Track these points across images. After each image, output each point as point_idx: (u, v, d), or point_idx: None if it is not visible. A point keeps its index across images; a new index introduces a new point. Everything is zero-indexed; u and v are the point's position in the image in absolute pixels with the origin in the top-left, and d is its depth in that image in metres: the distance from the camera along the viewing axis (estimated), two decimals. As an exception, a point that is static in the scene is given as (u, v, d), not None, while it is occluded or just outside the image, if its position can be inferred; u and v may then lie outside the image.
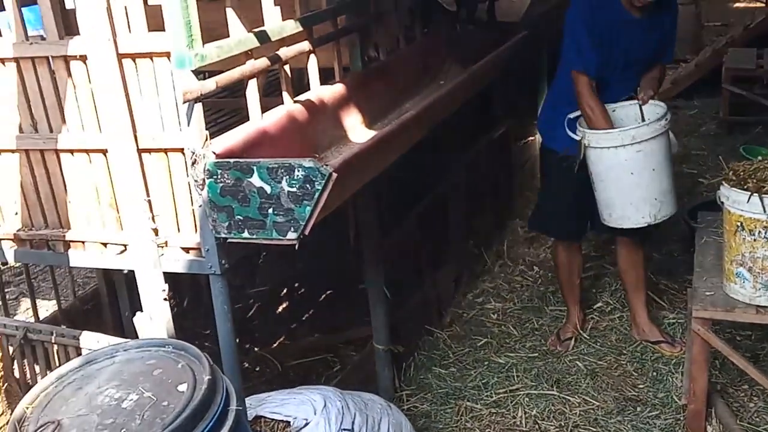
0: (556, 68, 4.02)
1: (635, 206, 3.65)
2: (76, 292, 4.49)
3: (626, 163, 3.56)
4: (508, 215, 5.61)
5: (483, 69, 3.96)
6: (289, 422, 2.83)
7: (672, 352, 4.02)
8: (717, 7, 9.09)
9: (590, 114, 3.64)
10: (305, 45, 2.95)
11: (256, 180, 2.40)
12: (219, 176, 2.43)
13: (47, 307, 5.14)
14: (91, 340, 2.94)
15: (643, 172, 3.57)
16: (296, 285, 4.94)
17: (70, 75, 2.61)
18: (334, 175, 2.33)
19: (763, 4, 8.80)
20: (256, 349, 4.28)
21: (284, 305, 4.84)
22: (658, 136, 3.55)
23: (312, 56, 3.03)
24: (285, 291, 4.88)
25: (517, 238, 5.38)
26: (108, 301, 4.29)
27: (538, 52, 5.50)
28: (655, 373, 3.87)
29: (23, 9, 2.67)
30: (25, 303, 5.40)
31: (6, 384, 2.34)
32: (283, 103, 2.90)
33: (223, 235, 2.51)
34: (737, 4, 9.68)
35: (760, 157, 3.20)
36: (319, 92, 3.08)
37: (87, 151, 2.69)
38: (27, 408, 2.09)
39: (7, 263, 5.09)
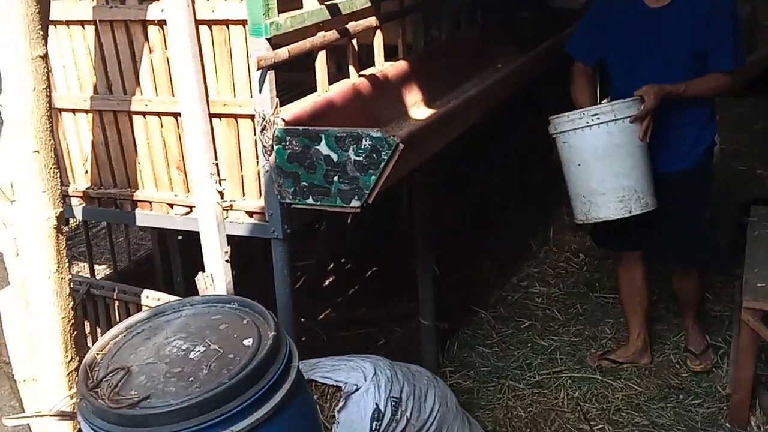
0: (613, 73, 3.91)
1: (607, 195, 3.39)
2: (131, 256, 4.60)
3: (591, 145, 3.35)
4: (554, 203, 5.62)
5: (539, 54, 3.98)
6: (339, 387, 2.89)
7: (694, 365, 3.87)
8: (773, 5, 8.95)
9: (573, 99, 3.60)
10: (372, 20, 3.01)
11: (323, 148, 2.47)
12: (287, 143, 2.50)
13: (98, 272, 5.28)
14: (151, 297, 3.04)
15: (612, 157, 3.34)
16: (343, 260, 5.01)
17: (146, 39, 2.70)
18: (401, 145, 2.38)
19: (822, 4, 8.63)
20: (302, 320, 4.35)
21: (331, 279, 4.91)
22: (626, 119, 3.30)
23: (378, 32, 3.08)
24: (332, 265, 4.95)
25: (563, 225, 5.39)
26: (161, 266, 4.39)
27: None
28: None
29: (104, -26, 2.76)
30: (77, 267, 5.54)
31: (75, 332, 2.43)
32: (348, 77, 2.96)
33: (288, 201, 2.59)
34: (793, 3, 9.52)
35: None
36: (383, 68, 3.14)
37: (159, 114, 2.78)
38: (97, 354, 2.17)
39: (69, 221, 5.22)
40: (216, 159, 2.68)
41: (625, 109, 3.31)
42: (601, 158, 3.36)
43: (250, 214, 2.74)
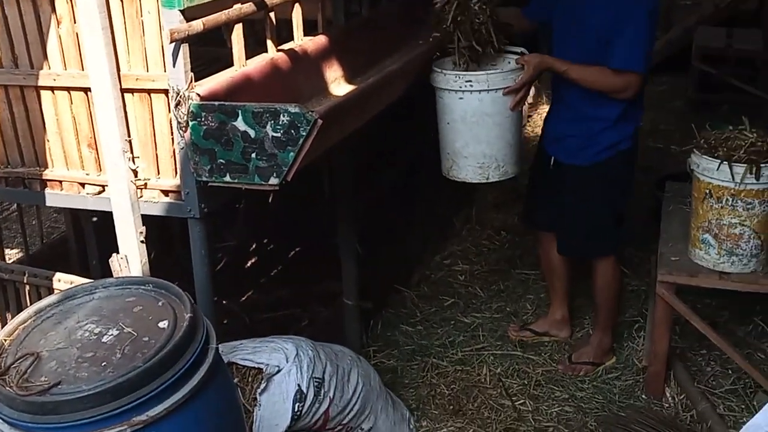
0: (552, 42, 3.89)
1: (468, 159, 3.43)
2: (44, 238, 4.44)
3: (461, 108, 3.36)
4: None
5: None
6: (261, 369, 2.85)
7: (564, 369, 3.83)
8: (688, -15, 9.17)
9: None
10: (291, -7, 2.94)
11: (240, 124, 2.40)
12: (203, 119, 2.43)
13: (10, 256, 5.09)
14: (64, 281, 2.93)
15: (478, 124, 3.35)
16: (265, 240, 4.94)
17: (54, 11, 2.58)
18: (320, 121, 2.34)
19: (734, -14, 8.89)
20: (224, 302, 4.28)
21: (253, 260, 4.84)
22: (499, 90, 3.30)
23: (297, 6, 3.02)
24: (254, 245, 4.88)
25: (486, 203, 5.44)
26: (76, 249, 4.25)
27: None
28: (616, 338, 3.95)
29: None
30: (-11, 250, 5.33)
31: (-18, 318, 2.33)
32: (266, 52, 2.89)
33: (205, 179, 2.51)
34: (708, -15, 9.78)
35: (731, 127, 3.26)
36: (302, 43, 3.08)
37: (68, 89, 2.67)
38: (5, 340, 2.08)
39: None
40: (129, 136, 2.59)
41: (500, 81, 3.31)
42: (469, 123, 3.37)
43: (166, 192, 2.66)
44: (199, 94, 2.44)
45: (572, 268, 3.95)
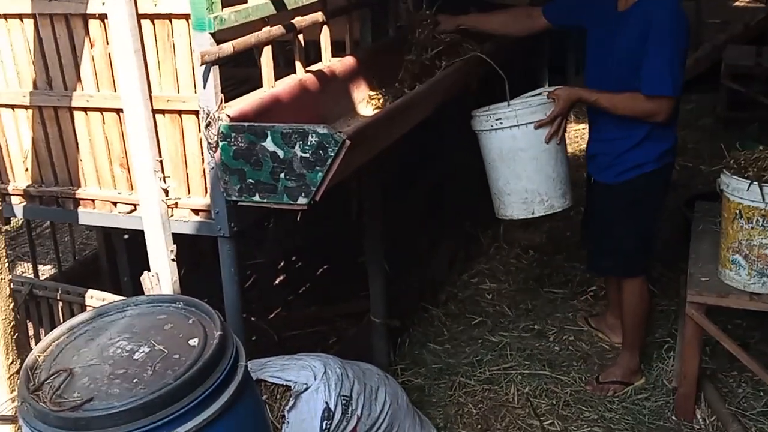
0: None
1: (512, 196, 3.50)
2: (75, 255, 4.51)
3: (496, 147, 3.44)
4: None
5: (489, 50, 3.98)
6: (289, 386, 2.87)
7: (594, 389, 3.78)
8: (717, 4, 9.14)
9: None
10: (319, 15, 2.98)
11: (269, 144, 2.44)
12: (232, 139, 2.47)
13: (43, 272, 5.17)
14: (96, 298, 2.97)
15: (515, 161, 3.40)
16: (293, 258, 4.98)
17: (87, 34, 2.64)
18: (348, 142, 2.37)
19: (763, 4, 8.86)
20: (252, 319, 4.31)
21: (281, 277, 4.87)
22: (530, 124, 3.34)
23: (325, 27, 3.06)
24: (283, 263, 4.92)
25: (513, 222, 5.40)
26: (107, 266, 4.31)
27: (541, 40, 5.53)
28: (645, 358, 3.92)
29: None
30: (20, 267, 5.42)
31: (16, 334, 2.37)
32: (295, 73, 2.93)
33: (234, 198, 2.55)
34: (737, 3, 9.74)
35: (761, 147, 3.24)
36: (330, 64, 3.12)
37: (101, 110, 2.72)
38: (39, 356, 2.11)
39: (11, 219, 5.09)
40: (160, 156, 2.64)
41: (529, 115, 3.35)
42: (505, 160, 3.42)
43: (196, 212, 2.70)
44: (229, 115, 2.48)
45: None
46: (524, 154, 3.39)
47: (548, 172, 3.43)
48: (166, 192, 2.67)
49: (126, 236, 4.15)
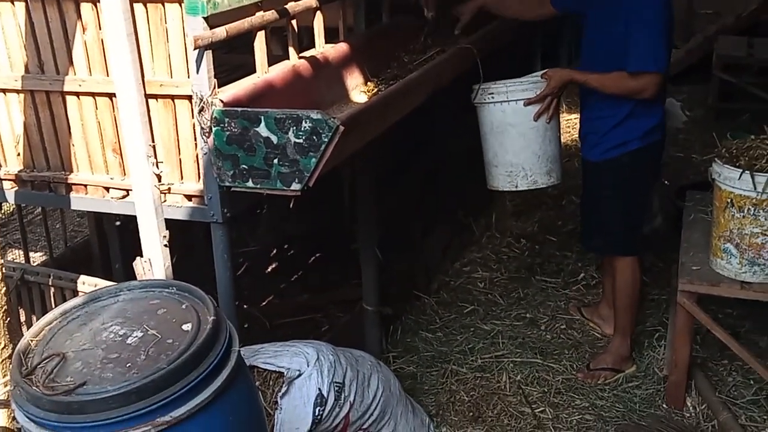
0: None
1: (498, 168, 3.64)
2: (67, 242, 4.49)
3: (488, 120, 3.59)
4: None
5: (482, 39, 3.98)
6: (282, 373, 2.87)
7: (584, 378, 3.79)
8: (709, -5, 9.15)
9: None
10: (312, 1, 2.97)
11: (263, 130, 2.43)
12: (226, 124, 2.46)
13: (34, 259, 5.15)
14: (88, 284, 2.97)
15: (503, 134, 3.55)
16: (286, 246, 4.97)
17: (80, 17, 2.62)
18: (341, 128, 2.36)
19: (755, -5, 8.86)
20: (245, 306, 4.31)
21: (274, 265, 4.87)
22: (519, 101, 3.48)
23: (318, 13, 3.05)
24: (275, 251, 4.91)
25: (505, 210, 5.43)
26: (99, 252, 4.30)
27: (535, 31, 5.52)
28: (636, 347, 3.94)
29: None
30: (11, 254, 5.39)
31: (8, 319, 2.36)
32: (288, 59, 2.92)
33: (227, 184, 2.54)
34: (729, -6, 9.74)
35: (752, 136, 3.25)
36: (324, 50, 3.11)
37: (93, 95, 2.71)
38: (32, 341, 2.11)
39: (2, 206, 5.07)
40: (153, 141, 2.63)
41: (520, 92, 3.48)
42: (495, 134, 3.58)
43: (189, 197, 2.69)
44: (222, 100, 2.47)
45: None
46: (513, 129, 3.52)
47: (534, 149, 3.54)
48: (159, 177, 2.66)
49: (118, 223, 4.14)
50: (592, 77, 3.46)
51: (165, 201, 2.69)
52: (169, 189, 2.68)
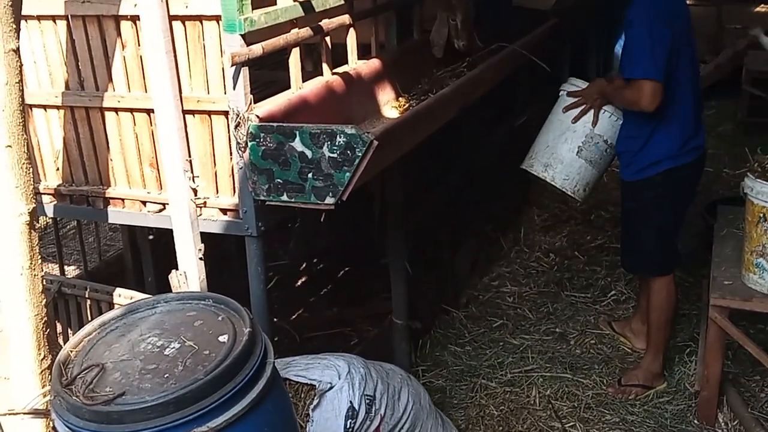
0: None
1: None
2: (101, 256, 4.56)
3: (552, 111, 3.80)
4: (525, 202, 5.67)
5: (512, 54, 4.00)
6: (313, 386, 2.89)
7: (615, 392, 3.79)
8: (737, 9, 9.10)
9: None
10: (346, 18, 3.01)
11: (297, 144, 2.47)
12: (261, 139, 2.50)
13: (68, 273, 5.22)
14: (124, 296, 3.01)
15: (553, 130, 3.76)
16: (315, 260, 5.00)
17: (119, 35, 2.68)
18: (375, 142, 2.39)
19: (785, 9, 8.82)
20: (275, 320, 4.33)
21: (303, 279, 4.90)
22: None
23: (351, 30, 3.09)
24: (305, 264, 4.94)
25: (533, 225, 5.44)
26: (132, 266, 4.36)
27: (563, 42, 5.54)
28: (667, 363, 3.92)
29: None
30: (46, 267, 5.46)
31: (48, 330, 2.40)
32: (322, 74, 2.96)
33: (262, 198, 2.58)
34: (757, 9, 9.69)
35: (785, 151, 3.25)
36: (357, 66, 3.15)
37: (131, 111, 2.76)
38: (71, 351, 2.15)
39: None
40: (189, 156, 2.67)
41: (565, 98, 3.71)
42: (552, 125, 3.78)
43: (224, 211, 2.73)
44: (258, 116, 2.51)
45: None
46: (551, 115, 3.79)
47: (548, 138, 3.75)
48: (195, 191, 2.70)
49: (151, 236, 4.20)
50: (609, 90, 3.54)
51: (201, 215, 2.74)
52: (205, 203, 2.73)
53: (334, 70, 3.02)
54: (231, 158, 2.65)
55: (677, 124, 3.47)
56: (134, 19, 2.61)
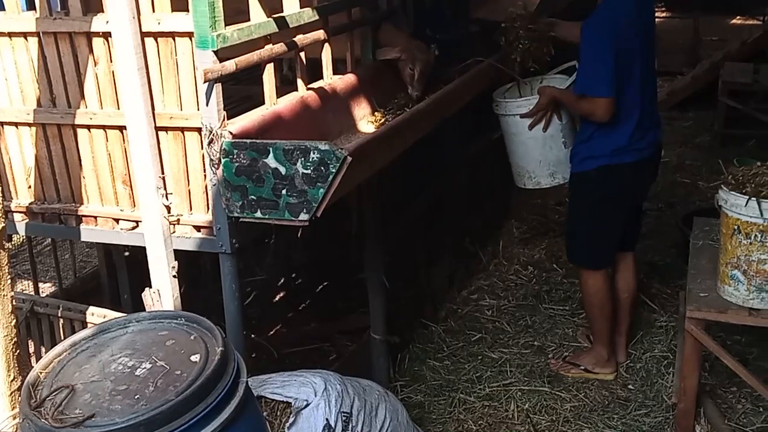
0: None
1: (512, 167, 4.07)
2: (76, 273, 4.52)
3: (502, 128, 4.02)
4: (503, 215, 5.68)
5: (487, 68, 4.01)
6: (289, 403, 2.87)
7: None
8: (714, 22, 9.21)
9: None
10: (320, 34, 3.01)
11: (271, 161, 2.46)
12: (235, 156, 2.49)
13: (43, 290, 5.17)
14: (97, 315, 2.98)
15: (511, 141, 3.99)
16: (293, 275, 4.98)
17: (91, 52, 2.66)
18: (349, 158, 2.39)
19: (758, 22, 8.92)
20: (252, 336, 4.31)
21: (281, 294, 4.88)
22: (515, 115, 3.87)
23: (326, 45, 3.09)
24: (282, 280, 4.92)
25: (512, 238, 5.45)
26: (107, 283, 4.32)
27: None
28: (645, 374, 3.94)
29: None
30: (20, 285, 5.41)
31: (18, 351, 2.37)
32: (297, 90, 2.96)
33: (236, 215, 2.57)
34: (733, 21, 9.81)
35: (758, 163, 3.26)
36: (332, 81, 3.14)
37: (104, 128, 2.74)
38: (41, 373, 2.12)
39: (12, 237, 5.09)
40: (162, 173, 2.65)
41: (514, 108, 3.88)
42: (506, 140, 4.03)
43: (198, 228, 2.71)
44: (231, 132, 2.50)
45: (621, 306, 4.01)
46: (515, 138, 3.94)
47: (535, 156, 3.93)
48: (168, 209, 2.68)
49: (126, 253, 4.16)
50: (565, 97, 3.74)
51: (174, 232, 2.71)
52: (179, 220, 2.71)
53: (309, 86, 3.01)
54: (205, 175, 2.63)
55: (621, 125, 3.60)
56: (106, 35, 2.60)
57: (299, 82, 2.95)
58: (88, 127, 2.77)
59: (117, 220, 2.84)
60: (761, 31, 8.23)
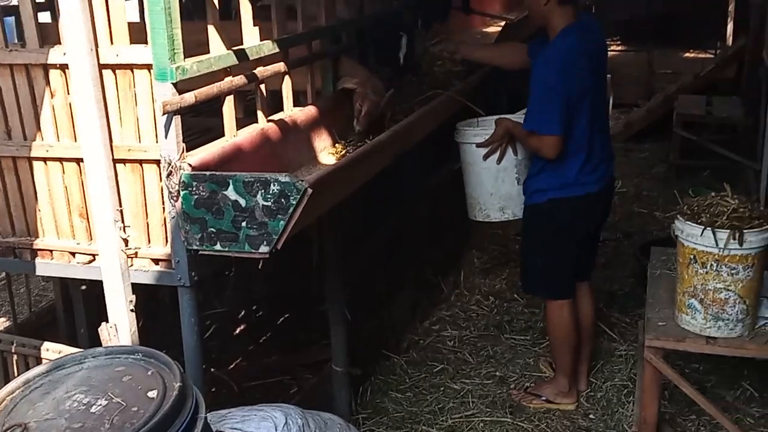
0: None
1: (467, 198, 4.10)
2: (32, 307, 4.43)
3: (460, 156, 4.06)
4: (464, 246, 5.71)
5: (448, 100, 4.05)
6: (250, 438, 2.83)
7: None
8: (667, 55, 9.41)
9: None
10: (281, 66, 3.01)
11: (231, 193, 2.44)
12: (194, 188, 2.47)
13: (-4, 324, 5.08)
14: (52, 351, 2.92)
15: (466, 171, 4.05)
16: (254, 307, 4.94)
17: (48, 84, 2.63)
18: (309, 190, 2.38)
19: (711, 55, 9.13)
20: (212, 369, 4.26)
21: (241, 327, 4.83)
22: (471, 144, 3.93)
23: (287, 77, 3.09)
24: (243, 312, 4.88)
25: (473, 268, 5.47)
26: (64, 317, 4.24)
27: (497, 89, 5.61)
28: (606, 403, 3.96)
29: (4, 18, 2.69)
30: (-26, 319, 5.31)
31: (-31, 388, 2.31)
32: (257, 122, 2.95)
33: (195, 247, 2.54)
34: (687, 54, 10.03)
35: (713, 193, 3.32)
36: (292, 113, 3.14)
37: (60, 160, 2.71)
38: (-7, 411, 2.07)
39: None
40: (120, 205, 2.62)
41: (471, 137, 3.95)
42: (462, 169, 4.09)
43: (156, 261, 2.68)
44: (190, 165, 2.48)
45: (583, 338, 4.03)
46: (470, 167, 4.00)
47: (487, 188, 3.96)
48: (126, 242, 2.65)
49: (83, 287, 4.09)
50: (517, 131, 3.77)
51: (132, 265, 2.68)
52: (136, 253, 2.67)
53: (270, 118, 3.01)
54: (163, 207, 2.61)
55: (570, 160, 3.64)
56: (63, 67, 2.57)
57: (259, 114, 2.95)
58: (45, 159, 2.73)
59: (73, 254, 2.79)
60: (713, 65, 8.43)
